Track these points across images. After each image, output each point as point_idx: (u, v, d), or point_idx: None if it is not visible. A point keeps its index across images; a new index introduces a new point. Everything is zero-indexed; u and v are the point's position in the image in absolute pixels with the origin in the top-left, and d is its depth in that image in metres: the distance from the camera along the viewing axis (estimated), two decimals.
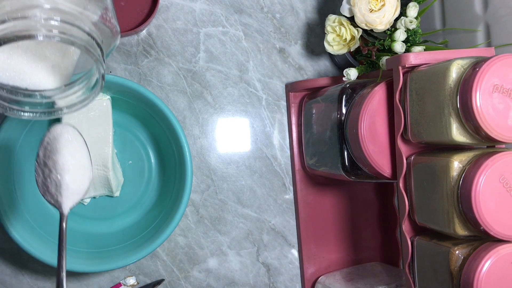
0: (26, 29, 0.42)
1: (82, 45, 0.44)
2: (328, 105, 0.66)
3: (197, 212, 0.74)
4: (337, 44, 0.67)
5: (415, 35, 0.63)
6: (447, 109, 0.49)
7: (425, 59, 0.55)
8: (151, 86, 0.72)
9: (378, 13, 0.61)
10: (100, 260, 0.63)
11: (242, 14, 0.75)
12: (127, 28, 0.68)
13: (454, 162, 0.49)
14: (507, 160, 0.47)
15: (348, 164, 0.63)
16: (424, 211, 0.55)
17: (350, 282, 0.71)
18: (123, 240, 0.67)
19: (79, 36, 0.45)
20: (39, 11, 0.43)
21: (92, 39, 0.46)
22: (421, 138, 0.54)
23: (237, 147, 0.75)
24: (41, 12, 0.43)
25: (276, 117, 0.77)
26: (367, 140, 0.58)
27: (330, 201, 0.78)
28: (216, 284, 0.74)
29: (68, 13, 0.45)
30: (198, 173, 0.74)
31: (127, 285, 0.71)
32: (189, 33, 0.74)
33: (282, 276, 0.77)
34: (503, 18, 0.61)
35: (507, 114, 0.47)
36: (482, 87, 0.46)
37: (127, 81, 0.62)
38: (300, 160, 0.76)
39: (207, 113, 0.74)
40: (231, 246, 0.75)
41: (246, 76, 0.76)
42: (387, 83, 0.58)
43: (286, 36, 0.77)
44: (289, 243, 0.77)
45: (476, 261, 0.48)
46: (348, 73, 0.64)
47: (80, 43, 0.44)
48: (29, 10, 0.43)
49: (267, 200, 0.76)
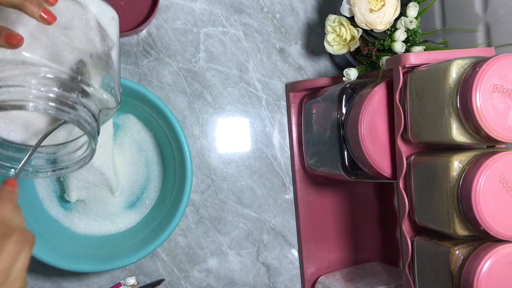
0: (19, 99, 0.41)
1: (75, 120, 0.43)
2: (328, 105, 0.66)
3: (197, 212, 0.74)
4: (337, 44, 0.67)
5: (415, 35, 0.63)
6: (447, 109, 0.49)
7: (425, 59, 0.55)
8: (151, 86, 0.72)
9: (378, 13, 0.61)
10: (100, 260, 0.63)
11: (242, 14, 0.75)
12: (127, 28, 0.68)
13: (454, 162, 0.49)
14: (507, 160, 0.47)
15: (348, 164, 0.63)
16: (424, 211, 0.55)
17: (350, 282, 0.71)
18: (123, 240, 0.67)
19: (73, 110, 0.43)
20: (35, 80, 0.42)
21: (88, 112, 0.45)
22: (421, 138, 0.54)
23: (237, 147, 0.75)
24: (38, 81, 0.42)
25: (276, 117, 0.77)
26: (367, 140, 0.58)
27: (330, 201, 0.77)
28: (216, 284, 0.74)
29: (67, 84, 0.44)
30: (198, 173, 0.74)
31: (127, 285, 0.71)
32: (189, 33, 0.74)
33: (282, 276, 0.77)
34: (503, 18, 0.61)
35: (507, 114, 0.47)
36: (482, 87, 0.46)
37: (127, 81, 0.62)
38: (300, 160, 0.76)
39: (207, 113, 0.74)
40: (231, 246, 0.75)
41: (246, 76, 0.76)
42: (387, 83, 0.58)
43: (286, 36, 0.77)
44: (289, 243, 0.77)
45: (476, 261, 0.48)
46: (348, 73, 0.64)
47: (73, 118, 0.43)
48: (26, 77, 0.42)
49: (267, 200, 0.76)
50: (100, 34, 0.48)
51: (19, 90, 0.42)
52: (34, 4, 0.41)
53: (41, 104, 0.42)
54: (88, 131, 0.45)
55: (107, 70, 0.48)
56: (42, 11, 0.42)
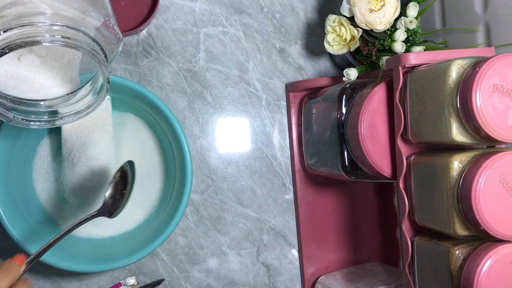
0: (32, 35, 0.43)
1: (86, 49, 0.45)
2: (328, 105, 0.66)
3: (197, 212, 0.74)
4: (337, 44, 0.67)
5: (415, 35, 0.63)
6: (447, 109, 0.49)
7: (425, 59, 0.55)
8: (151, 86, 0.72)
9: (378, 13, 0.61)
10: (100, 260, 0.63)
11: (242, 14, 0.75)
12: (127, 28, 0.68)
13: (454, 162, 0.49)
14: (507, 160, 0.47)
15: (348, 164, 0.63)
16: (424, 211, 0.55)
17: (350, 282, 0.71)
18: (123, 240, 0.67)
19: (83, 41, 0.45)
20: (44, 17, 0.44)
21: (96, 44, 0.47)
22: (421, 138, 0.54)
23: (237, 147, 0.75)
24: (46, 18, 0.44)
25: (276, 117, 0.77)
26: (367, 140, 0.58)
27: (330, 201, 0.77)
28: (216, 284, 0.74)
29: (72, 19, 0.46)
30: (198, 173, 0.74)
31: (127, 285, 0.71)
32: (189, 33, 0.74)
33: (282, 276, 0.77)
34: (503, 18, 0.61)
35: (507, 114, 0.47)
36: (482, 87, 0.46)
37: (127, 81, 0.62)
38: (300, 160, 0.76)
39: (207, 113, 0.74)
40: (231, 246, 0.75)
41: (246, 76, 0.76)
42: (387, 83, 0.58)
43: (286, 36, 0.77)
44: (289, 243, 0.77)
45: (476, 261, 0.48)
46: (348, 73, 0.64)
47: (85, 47, 0.45)
48: (34, 17, 0.44)
49: (267, 200, 0.76)
50: None
51: (30, 29, 0.43)
52: None
53: (55, 37, 0.44)
54: (101, 59, 0.47)
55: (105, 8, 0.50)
56: None
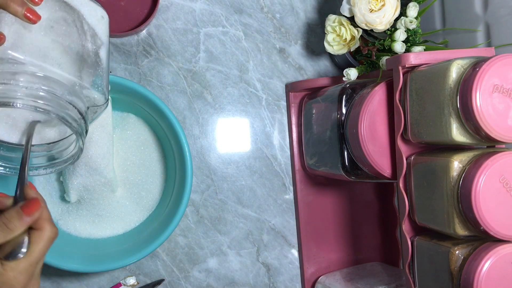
0: (7, 97, 0.42)
1: (61, 116, 0.44)
2: (328, 105, 0.66)
3: (197, 212, 0.74)
4: (337, 44, 0.67)
5: (415, 35, 0.63)
6: (447, 109, 0.49)
7: (425, 59, 0.55)
8: (151, 86, 0.72)
9: (378, 13, 0.61)
10: (100, 260, 0.63)
11: (242, 14, 0.75)
12: (127, 28, 0.68)
13: (454, 162, 0.49)
14: (507, 160, 0.47)
15: (348, 164, 0.63)
16: (424, 211, 0.55)
17: (350, 282, 0.71)
18: (123, 240, 0.67)
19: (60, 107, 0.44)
20: (23, 78, 0.43)
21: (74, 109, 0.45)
22: (421, 138, 0.54)
23: (237, 147, 0.75)
24: (26, 79, 0.43)
25: (276, 117, 0.77)
26: (367, 140, 0.58)
27: (330, 201, 0.77)
28: (216, 284, 0.74)
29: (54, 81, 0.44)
30: (198, 173, 0.74)
31: (127, 285, 0.71)
32: (189, 33, 0.74)
33: (282, 276, 0.77)
34: (503, 18, 0.61)
35: (507, 114, 0.47)
36: (482, 87, 0.46)
37: (127, 81, 0.62)
38: (300, 160, 0.76)
39: (207, 113, 0.74)
40: (231, 246, 0.75)
41: (246, 76, 0.76)
42: (387, 83, 0.58)
43: (286, 36, 0.77)
44: (289, 243, 0.77)
45: (476, 261, 0.48)
46: (348, 73, 0.64)
47: (59, 113, 0.44)
48: (14, 76, 0.43)
49: (267, 200, 0.76)
50: (88, 33, 0.48)
51: (7, 88, 0.42)
52: (17, 3, 0.42)
53: (29, 101, 0.42)
54: (75, 129, 0.45)
55: (95, 68, 0.48)
56: (26, 10, 0.42)
